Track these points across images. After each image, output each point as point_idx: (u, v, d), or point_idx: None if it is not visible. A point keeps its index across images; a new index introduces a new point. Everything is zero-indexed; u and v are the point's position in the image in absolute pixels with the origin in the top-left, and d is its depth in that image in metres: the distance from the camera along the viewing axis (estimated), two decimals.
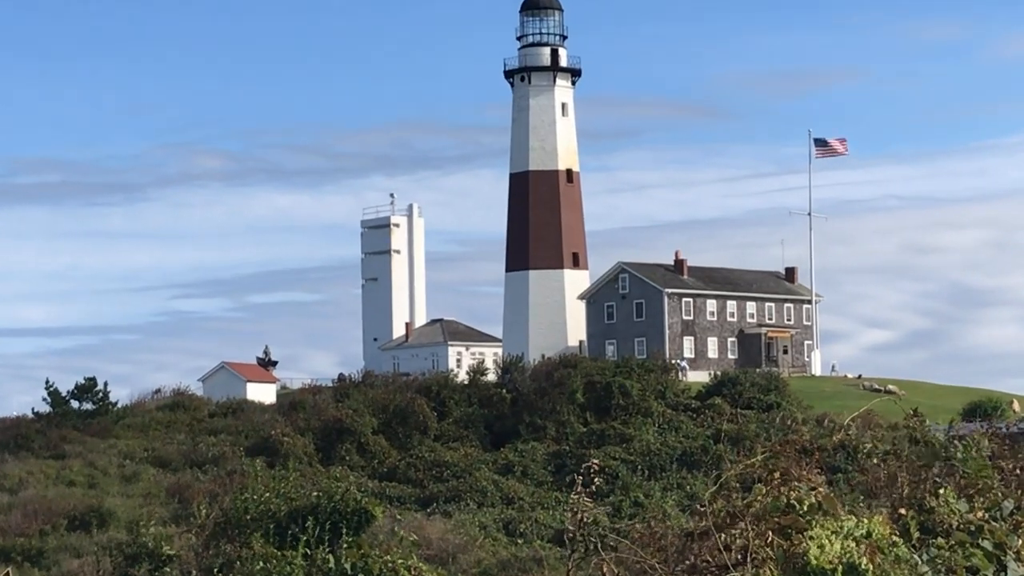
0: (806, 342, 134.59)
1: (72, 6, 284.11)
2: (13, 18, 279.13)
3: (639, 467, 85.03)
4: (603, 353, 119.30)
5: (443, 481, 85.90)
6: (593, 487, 10.58)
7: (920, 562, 9.84)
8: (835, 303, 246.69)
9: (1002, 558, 11.41)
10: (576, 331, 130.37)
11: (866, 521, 9.23)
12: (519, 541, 70.38)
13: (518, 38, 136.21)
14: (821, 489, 9.40)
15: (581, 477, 10.38)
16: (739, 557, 8.91)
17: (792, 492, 9.20)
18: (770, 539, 8.87)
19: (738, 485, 9.61)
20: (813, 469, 9.89)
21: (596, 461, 11.28)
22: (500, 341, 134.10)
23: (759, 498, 9.18)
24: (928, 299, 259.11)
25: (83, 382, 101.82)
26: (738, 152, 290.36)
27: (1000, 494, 13.06)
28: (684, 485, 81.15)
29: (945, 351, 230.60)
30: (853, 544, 8.76)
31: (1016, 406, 36.01)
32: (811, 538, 8.67)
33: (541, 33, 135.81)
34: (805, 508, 9.03)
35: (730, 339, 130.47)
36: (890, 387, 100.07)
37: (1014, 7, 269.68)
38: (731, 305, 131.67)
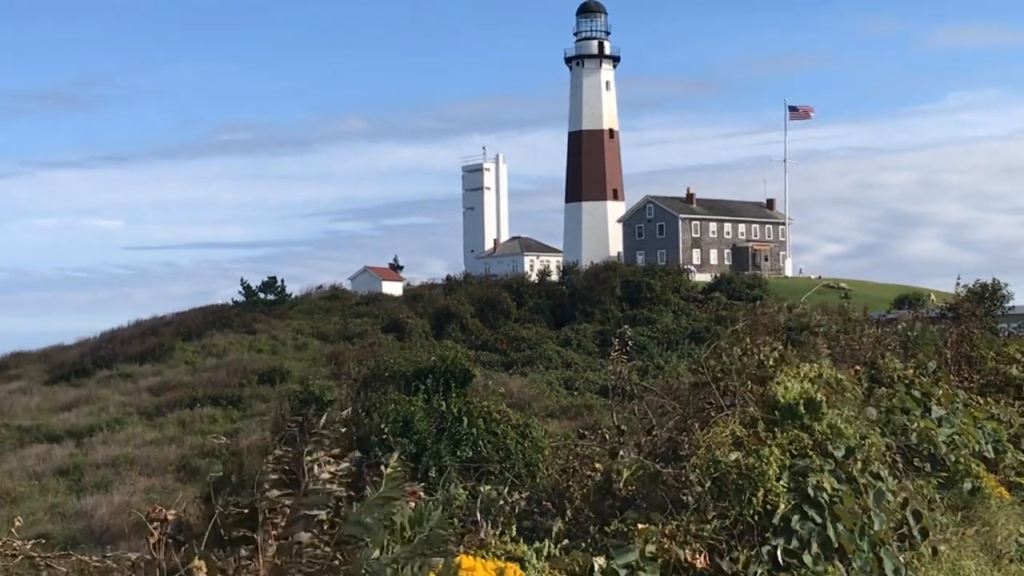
0: (781, 253, 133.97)
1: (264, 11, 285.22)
2: (218, 19, 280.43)
3: (660, 341, 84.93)
4: (635, 261, 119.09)
5: (520, 351, 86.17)
6: (626, 348, 10.63)
7: (860, 394, 9.88)
8: (803, 225, 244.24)
9: (927, 402, 11.43)
10: (615, 245, 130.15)
11: (818, 367, 9.28)
12: (575, 393, 70.58)
13: (574, 34, 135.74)
14: (780, 348, 9.45)
15: (617, 340, 10.45)
16: (729, 400, 8.98)
17: (761, 352, 9.25)
18: (750, 386, 8.93)
19: (727, 347, 9.66)
20: (777, 339, 9.96)
21: (627, 328, 11.34)
22: (561, 252, 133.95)
23: (740, 358, 9.24)
24: (872, 222, 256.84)
25: (267, 280, 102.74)
26: (733, 116, 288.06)
27: (926, 356, 13.11)
28: (692, 354, 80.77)
29: (883, 259, 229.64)
30: (809, 384, 8.79)
31: (933, 298, 35.62)
32: (778, 383, 8.71)
33: (591, 30, 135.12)
34: (771, 363, 9.08)
35: (726, 251, 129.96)
36: (842, 284, 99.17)
37: (937, 7, 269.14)
38: (727, 226, 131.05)
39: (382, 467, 5.08)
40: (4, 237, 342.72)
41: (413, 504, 5.54)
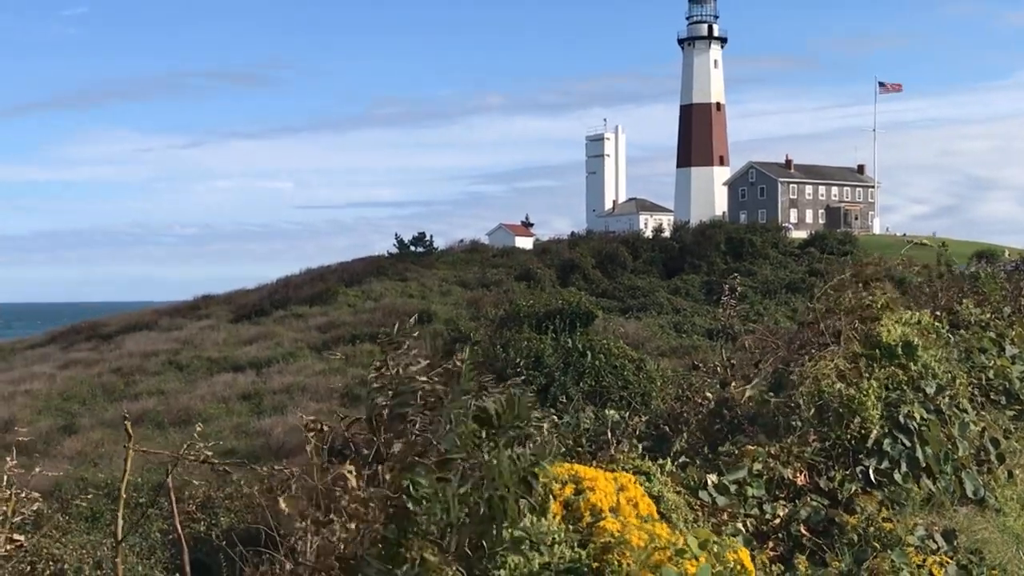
0: (870, 213, 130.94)
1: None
2: (378, 11, 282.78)
3: (759, 291, 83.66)
4: (738, 219, 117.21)
5: (635, 298, 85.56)
6: (735, 295, 10.48)
7: (951, 339, 9.63)
8: (890, 188, 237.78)
9: (1002, 343, 11.13)
10: (721, 205, 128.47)
11: (918, 314, 9.05)
12: (683, 335, 69.98)
13: (687, 18, 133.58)
14: (888, 293, 9.22)
15: (728, 287, 10.31)
16: (833, 338, 8.81)
17: (869, 295, 9.03)
18: (855, 325, 8.74)
19: (832, 292, 9.46)
20: (883, 285, 9.71)
21: (736, 276, 11.16)
22: (672, 211, 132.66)
23: (848, 299, 9.03)
24: (951, 185, 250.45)
25: (417, 235, 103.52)
26: (828, 90, 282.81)
27: (1000, 302, 12.74)
28: (790, 303, 79.52)
29: (962, 219, 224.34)
30: (909, 329, 8.60)
31: (1007, 253, 34.54)
32: (882, 325, 8.52)
33: (702, 14, 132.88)
34: (879, 306, 8.87)
35: (820, 211, 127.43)
36: (924, 241, 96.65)
37: None
38: (822, 189, 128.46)
39: (458, 363, 5.04)
40: (192, 197, 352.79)
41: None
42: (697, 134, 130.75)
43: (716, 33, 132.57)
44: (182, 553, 4.79)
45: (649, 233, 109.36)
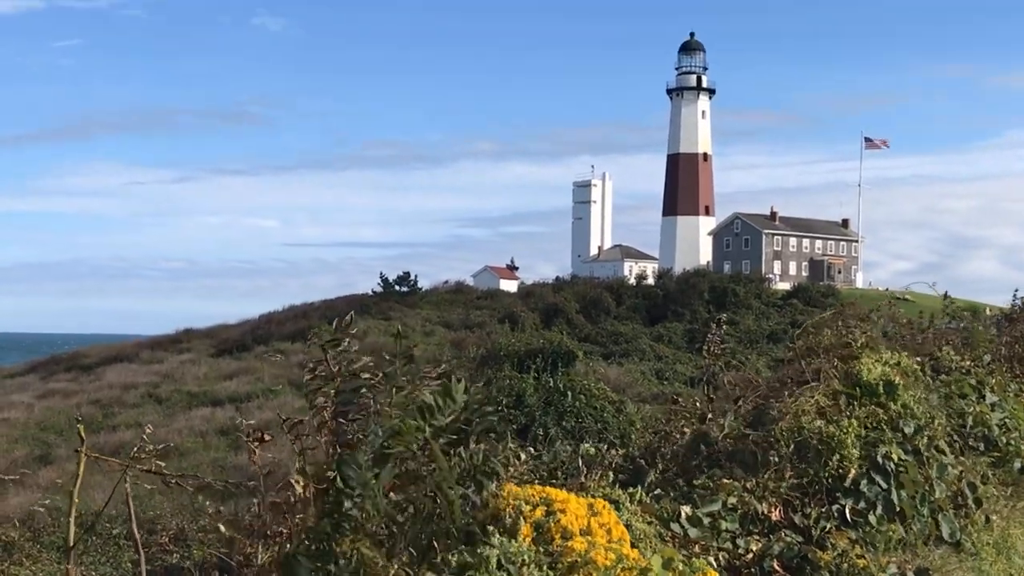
0: (853, 267, 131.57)
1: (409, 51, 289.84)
2: (371, 54, 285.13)
3: (741, 340, 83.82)
4: (722, 269, 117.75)
5: (618, 344, 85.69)
6: (722, 333, 10.42)
7: (931, 382, 9.62)
8: (874, 243, 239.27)
9: (982, 390, 11.12)
10: (705, 255, 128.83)
11: (897, 355, 9.03)
12: (665, 382, 69.95)
13: (676, 68, 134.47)
14: (869, 332, 9.21)
15: (715, 324, 10.25)
16: (814, 376, 8.78)
17: (850, 334, 9.02)
18: (835, 364, 8.72)
19: (813, 330, 9.44)
20: (863, 325, 9.69)
21: (724, 316, 11.09)
22: (657, 259, 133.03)
23: (828, 338, 9.02)
24: (936, 243, 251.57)
25: (401, 275, 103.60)
26: (814, 145, 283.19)
27: (983, 350, 12.76)
28: (771, 353, 79.74)
29: (946, 276, 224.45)
30: (889, 368, 8.58)
31: (988, 311, 34.69)
32: (862, 363, 8.50)
33: (691, 66, 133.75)
34: (858, 344, 8.85)
35: (804, 263, 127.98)
36: (907, 296, 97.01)
37: (998, 55, 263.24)
38: (806, 242, 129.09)
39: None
40: (178, 232, 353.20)
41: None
42: (684, 183, 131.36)
43: (705, 84, 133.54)
44: (139, 559, 4.71)
45: (633, 280, 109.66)
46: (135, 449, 4.74)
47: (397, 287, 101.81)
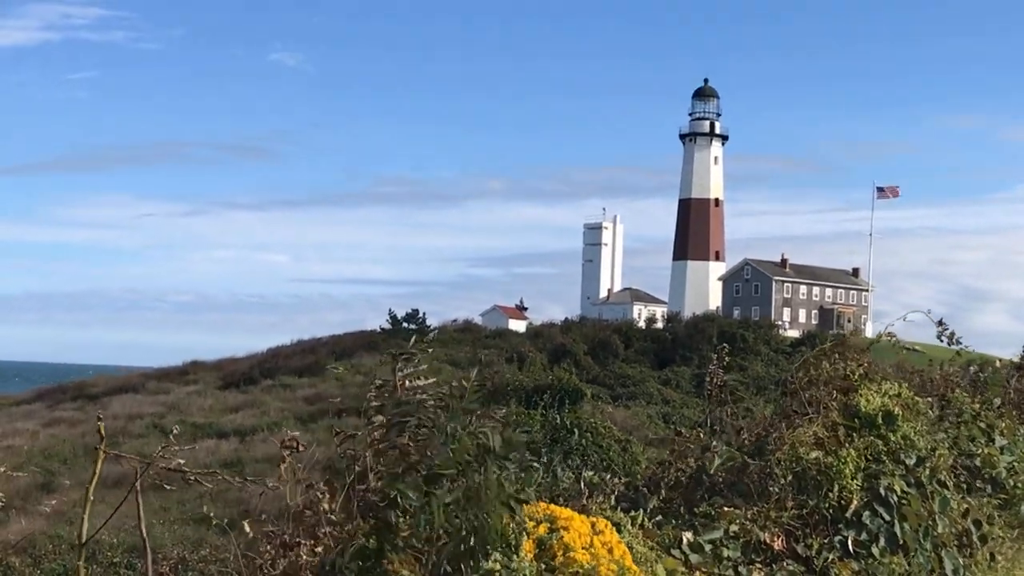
0: (863, 316, 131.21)
1: (422, 90, 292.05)
2: (386, 90, 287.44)
3: (750, 386, 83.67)
4: (731, 315, 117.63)
5: (625, 387, 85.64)
6: (723, 363, 10.42)
7: (929, 409, 9.62)
8: (884, 293, 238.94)
9: (991, 433, 11.14)
10: (715, 300, 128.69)
11: (897, 386, 9.06)
12: (671, 426, 69.68)
13: (689, 114, 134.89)
14: (866, 364, 9.25)
15: (716, 355, 10.29)
16: (813, 408, 8.81)
17: (848, 366, 9.06)
18: (835, 395, 8.75)
19: (814, 362, 9.47)
20: (862, 359, 9.73)
21: (725, 346, 11.10)
22: (666, 303, 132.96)
23: (827, 370, 9.06)
24: (946, 294, 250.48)
25: (410, 312, 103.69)
26: (825, 193, 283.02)
27: (993, 395, 12.78)
28: (780, 401, 79.62)
29: (955, 328, 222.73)
30: (889, 399, 8.60)
31: (998, 363, 34.69)
32: (860, 395, 8.53)
33: (704, 111, 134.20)
34: (856, 376, 8.89)
35: (814, 311, 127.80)
36: (916, 347, 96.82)
37: (1012, 109, 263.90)
38: (816, 290, 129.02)
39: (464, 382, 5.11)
40: (188, 265, 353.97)
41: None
42: (695, 228, 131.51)
43: (718, 130, 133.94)
44: (145, 555, 4.76)
45: (642, 323, 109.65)
46: (160, 448, 4.81)
47: (406, 324, 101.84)
